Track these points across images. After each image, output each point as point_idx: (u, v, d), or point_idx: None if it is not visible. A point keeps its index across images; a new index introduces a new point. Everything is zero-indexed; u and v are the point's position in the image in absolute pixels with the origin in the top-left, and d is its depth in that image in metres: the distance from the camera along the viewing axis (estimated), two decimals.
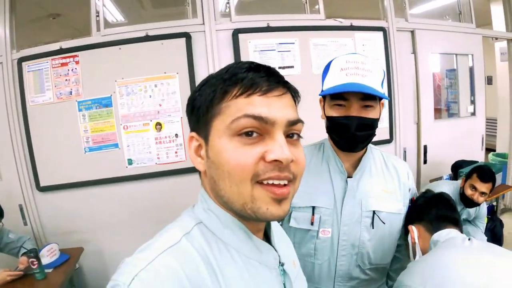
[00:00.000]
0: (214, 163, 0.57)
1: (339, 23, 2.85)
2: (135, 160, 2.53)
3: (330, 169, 1.19)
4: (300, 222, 1.19)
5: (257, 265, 0.62)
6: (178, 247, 0.54)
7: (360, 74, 1.04)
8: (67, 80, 2.37)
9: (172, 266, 0.50)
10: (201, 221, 0.61)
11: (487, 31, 3.99)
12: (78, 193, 2.47)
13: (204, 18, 2.55)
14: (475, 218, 2.78)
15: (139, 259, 0.51)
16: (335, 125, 1.10)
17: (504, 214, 4.10)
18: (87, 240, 2.50)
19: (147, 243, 0.56)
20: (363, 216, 1.16)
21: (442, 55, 3.67)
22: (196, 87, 0.63)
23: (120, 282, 0.48)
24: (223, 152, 0.55)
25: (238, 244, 0.61)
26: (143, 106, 2.49)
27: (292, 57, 2.70)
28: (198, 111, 0.59)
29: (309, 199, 1.17)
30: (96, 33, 2.44)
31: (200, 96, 0.60)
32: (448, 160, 3.27)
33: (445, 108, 4.08)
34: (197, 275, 0.52)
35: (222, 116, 0.56)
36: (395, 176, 1.24)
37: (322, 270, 1.21)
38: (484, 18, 4.38)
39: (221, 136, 0.56)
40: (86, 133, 2.43)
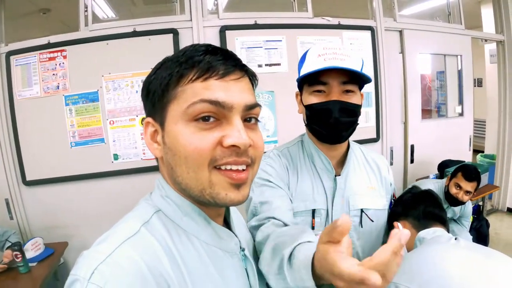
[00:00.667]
0: (171, 149, 0.56)
1: (326, 21, 2.90)
2: (121, 155, 2.56)
3: (317, 167, 1.12)
4: None
5: (218, 252, 0.62)
6: (138, 237, 0.53)
7: (338, 58, 0.98)
8: (55, 74, 2.40)
9: (132, 257, 0.49)
10: (160, 209, 0.60)
11: (476, 32, 4.05)
12: (64, 187, 2.50)
13: (192, 14, 2.60)
14: (460, 217, 2.83)
15: (98, 252, 0.50)
16: (316, 112, 1.02)
17: (491, 214, 4.16)
18: (72, 234, 2.52)
19: (105, 235, 0.55)
20: (351, 215, 1.10)
21: (433, 56, 3.72)
22: (152, 70, 0.61)
23: (80, 277, 0.47)
24: (180, 138, 0.55)
25: (198, 231, 0.60)
26: (129, 101, 2.52)
27: (279, 54, 2.74)
28: (154, 95, 0.58)
29: (307, 202, 1.09)
30: (84, 28, 2.47)
31: (156, 79, 0.58)
32: (435, 159, 3.33)
33: (435, 109, 4.13)
34: (158, 265, 0.51)
35: (178, 100, 0.55)
36: (377, 171, 1.20)
37: None
38: (475, 20, 4.45)
39: (177, 121, 0.55)
40: (73, 128, 2.46)
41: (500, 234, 3.76)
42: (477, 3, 4.71)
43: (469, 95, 3.78)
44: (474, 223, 3.09)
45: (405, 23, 3.28)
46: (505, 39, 4.08)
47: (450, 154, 3.40)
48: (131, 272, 0.48)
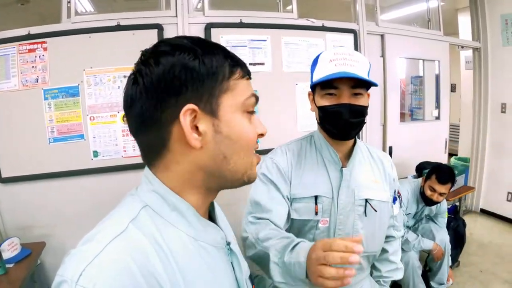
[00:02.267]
0: (231, 137, 0.60)
1: (311, 23, 3.00)
2: (101, 152, 2.55)
3: (325, 159, 1.25)
4: (302, 213, 1.23)
5: (206, 246, 0.64)
6: (126, 235, 0.53)
7: (348, 64, 1.12)
8: (34, 67, 2.37)
9: (121, 257, 0.50)
10: (147, 204, 0.60)
11: (454, 39, 4.27)
12: (41, 185, 2.46)
13: (177, 10, 2.63)
14: (436, 214, 3.00)
15: (85, 252, 0.50)
16: (328, 114, 1.16)
17: (465, 215, 4.36)
18: (49, 234, 2.48)
19: (92, 233, 0.55)
20: (356, 204, 1.23)
21: (408, 61, 3.89)
22: (183, 50, 0.57)
23: (67, 278, 0.47)
24: (242, 127, 0.61)
25: (186, 226, 0.61)
26: (111, 97, 2.52)
27: (264, 54, 2.81)
28: (202, 82, 0.57)
29: (310, 189, 1.23)
30: (66, 19, 2.45)
31: (203, 65, 0.57)
32: (412, 161, 3.48)
33: (409, 113, 4.31)
34: (148, 264, 0.52)
35: (232, 92, 0.60)
36: (381, 167, 1.34)
37: None
38: (452, 27, 4.66)
39: (234, 111, 0.60)
40: (51, 123, 2.42)
41: (474, 234, 3.97)
42: (455, 11, 4.94)
43: (445, 100, 3.98)
44: (451, 223, 3.27)
45: (387, 28, 3.43)
46: (481, 47, 4.31)
47: (427, 156, 3.57)
48: (120, 272, 0.48)
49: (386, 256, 1.44)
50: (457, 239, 3.26)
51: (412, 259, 2.72)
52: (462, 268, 3.35)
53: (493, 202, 4.44)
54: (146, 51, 0.60)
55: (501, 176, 4.32)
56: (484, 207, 4.54)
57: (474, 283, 3.11)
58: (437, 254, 2.81)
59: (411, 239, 2.73)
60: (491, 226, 4.23)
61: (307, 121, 3.01)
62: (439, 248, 2.81)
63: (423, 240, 2.78)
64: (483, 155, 4.46)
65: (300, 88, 2.98)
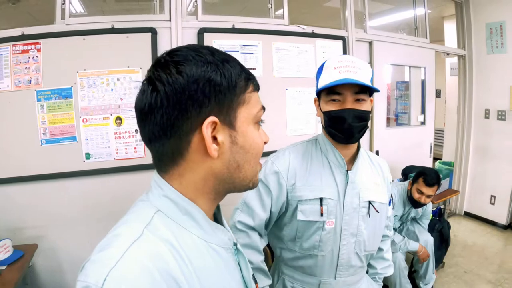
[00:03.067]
0: (244, 148, 0.64)
1: (301, 29, 3.08)
2: (93, 155, 2.57)
3: (330, 162, 1.31)
4: (308, 215, 1.28)
5: (216, 248, 0.66)
6: (143, 240, 0.55)
7: (352, 71, 1.18)
8: (27, 68, 2.38)
9: (142, 261, 0.51)
10: (159, 209, 0.61)
11: (440, 46, 4.41)
12: (33, 186, 2.46)
13: (171, 14, 2.68)
14: (422, 216, 3.12)
15: (107, 258, 0.52)
16: (333, 118, 1.23)
17: (449, 218, 4.52)
18: (41, 236, 2.49)
19: (108, 240, 0.56)
20: (360, 206, 1.30)
21: (393, 67, 4.00)
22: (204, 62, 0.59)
23: (91, 284, 0.49)
24: (255, 138, 0.66)
25: (198, 229, 0.63)
26: (104, 99, 2.55)
27: (255, 59, 2.89)
28: (224, 95, 0.60)
29: (316, 191, 1.28)
30: (60, 21, 2.47)
31: (224, 77, 0.60)
32: (398, 165, 3.58)
33: (394, 118, 4.42)
34: (166, 267, 0.53)
35: (248, 105, 0.64)
36: (380, 171, 1.43)
37: (325, 261, 1.31)
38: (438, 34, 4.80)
39: (248, 123, 0.65)
40: (44, 125, 2.44)
41: (458, 236, 4.12)
42: (441, 19, 5.09)
43: (431, 106, 4.12)
44: (436, 225, 3.39)
45: (375, 35, 3.55)
46: (466, 54, 4.46)
47: (413, 160, 3.68)
48: (142, 276, 0.50)
49: (381, 254, 1.53)
50: (442, 241, 3.39)
51: (399, 260, 2.81)
52: (447, 269, 3.46)
53: (477, 205, 4.60)
54: (163, 58, 0.61)
55: (484, 180, 4.49)
56: (468, 210, 4.71)
57: (458, 283, 3.23)
58: (422, 255, 2.91)
59: (397, 241, 2.82)
60: (474, 228, 4.39)
61: (296, 125, 3.09)
62: (425, 250, 2.91)
63: (409, 242, 2.88)
64: (467, 160, 4.62)
65: (290, 93, 3.07)
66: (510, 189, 4.20)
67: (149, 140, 0.63)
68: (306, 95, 3.12)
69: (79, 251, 2.51)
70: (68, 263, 2.58)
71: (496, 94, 4.24)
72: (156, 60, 0.61)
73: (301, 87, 3.09)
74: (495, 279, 3.26)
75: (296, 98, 3.07)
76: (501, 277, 3.29)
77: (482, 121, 4.43)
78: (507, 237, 4.11)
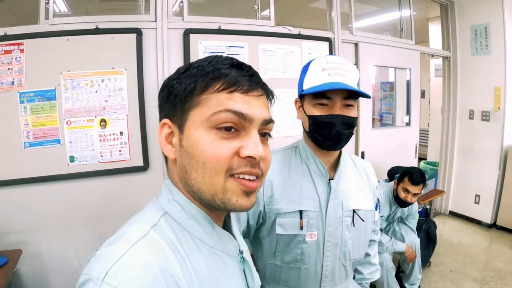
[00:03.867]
0: (189, 152, 0.61)
1: (288, 30, 3.11)
2: (78, 158, 2.54)
3: (311, 172, 1.24)
4: (287, 228, 1.21)
5: (220, 254, 0.67)
6: (148, 239, 0.56)
7: (341, 74, 1.12)
8: (10, 69, 2.34)
9: (144, 258, 0.53)
10: (167, 212, 0.64)
11: (425, 48, 4.50)
12: (17, 190, 2.42)
13: (157, 15, 2.66)
14: (408, 215, 3.17)
15: (111, 252, 0.53)
16: (320, 124, 1.14)
17: (435, 217, 4.62)
18: (25, 241, 2.45)
19: (115, 236, 0.58)
20: (344, 215, 1.23)
21: (378, 68, 4.05)
22: (174, 74, 0.67)
23: (93, 277, 0.50)
24: (200, 144, 0.59)
25: (203, 234, 0.65)
26: (88, 101, 2.52)
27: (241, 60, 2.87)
28: (175, 98, 0.63)
29: (295, 204, 1.21)
30: (44, 21, 2.43)
31: (179, 84, 0.63)
32: (384, 166, 3.63)
33: (378, 118, 4.48)
34: (168, 266, 0.55)
35: (201, 107, 0.60)
36: (365, 176, 1.37)
37: (309, 273, 1.25)
38: (422, 36, 4.89)
39: (198, 127, 0.60)
40: (27, 127, 2.41)
41: (443, 235, 4.21)
42: (426, 20, 5.18)
43: (416, 107, 4.19)
44: (423, 225, 3.45)
45: (361, 36, 3.60)
46: (451, 55, 4.55)
47: (398, 161, 3.74)
48: (144, 273, 0.51)
49: (368, 260, 1.49)
50: (428, 240, 3.45)
51: (386, 261, 2.86)
52: (433, 268, 3.54)
53: (462, 204, 4.72)
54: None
55: (469, 180, 4.60)
56: (453, 209, 4.82)
57: (445, 282, 3.30)
58: (409, 256, 2.96)
59: (384, 241, 2.87)
60: (459, 227, 4.50)
61: (283, 127, 3.12)
62: (412, 251, 2.97)
63: (396, 243, 2.93)
64: (452, 160, 4.72)
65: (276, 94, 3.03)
66: (494, 189, 4.32)
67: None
68: (293, 97, 3.08)
69: (64, 256, 2.51)
70: (53, 268, 2.54)
71: (480, 95, 4.36)
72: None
73: (287, 88, 3.11)
74: (480, 277, 3.34)
75: (283, 99, 3.08)
76: (486, 275, 3.37)
77: (466, 121, 4.54)
78: (492, 236, 4.22)
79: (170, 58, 2.70)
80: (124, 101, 2.59)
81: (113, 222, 0.62)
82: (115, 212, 2.58)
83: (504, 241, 4.06)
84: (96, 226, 2.54)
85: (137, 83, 2.59)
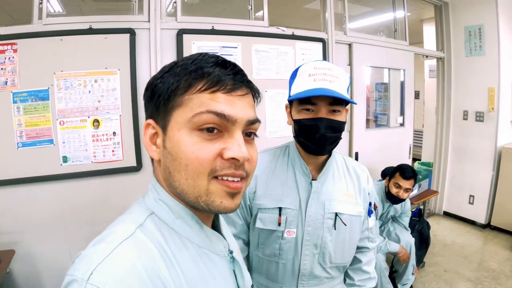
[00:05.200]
0: (171, 154, 0.60)
1: (281, 31, 3.15)
2: (70, 158, 2.56)
3: (296, 172, 1.28)
4: (266, 223, 1.26)
5: (209, 254, 0.66)
6: (134, 239, 0.56)
7: (328, 80, 1.12)
8: (3, 69, 2.36)
9: (130, 258, 0.52)
10: (153, 212, 0.63)
11: (419, 49, 4.54)
12: (9, 190, 2.43)
13: (150, 15, 2.69)
14: (401, 214, 3.20)
15: (96, 253, 0.52)
16: (304, 127, 1.17)
17: (429, 218, 4.67)
18: (18, 241, 2.46)
19: (101, 236, 0.57)
20: (325, 217, 1.25)
21: (373, 69, 4.10)
22: (158, 73, 0.65)
23: (78, 278, 0.49)
24: (182, 145, 0.58)
25: (190, 234, 0.64)
26: (81, 101, 2.54)
27: (234, 60, 2.86)
28: (158, 99, 0.62)
29: (275, 201, 1.26)
30: (37, 21, 2.45)
31: (162, 84, 0.61)
32: (378, 166, 3.67)
33: (373, 119, 4.53)
34: (154, 267, 0.54)
35: (183, 108, 0.59)
36: (356, 180, 1.36)
37: (286, 269, 1.30)
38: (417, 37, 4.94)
39: (180, 128, 0.59)
40: (20, 127, 2.42)
41: (437, 235, 4.26)
42: (420, 21, 5.24)
43: (410, 107, 4.25)
44: (416, 226, 3.50)
45: (354, 37, 3.64)
46: (445, 56, 4.61)
47: (392, 161, 3.76)
48: (129, 273, 0.50)
49: (359, 266, 1.47)
50: (422, 241, 3.49)
51: (380, 261, 2.89)
52: (427, 268, 3.58)
53: (456, 204, 4.77)
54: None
55: (463, 180, 4.66)
56: (447, 210, 4.87)
57: (439, 282, 3.34)
58: (403, 256, 3.00)
59: (378, 242, 2.89)
60: (453, 227, 4.55)
61: (276, 127, 3.15)
62: (405, 251, 3.01)
63: (389, 243, 2.97)
64: (446, 160, 4.78)
65: (269, 95, 3.13)
66: (488, 189, 4.37)
67: None
68: (286, 97, 3.13)
69: (57, 256, 2.51)
70: (46, 269, 2.56)
71: (474, 96, 4.41)
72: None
73: (280, 89, 3.14)
74: (474, 277, 3.38)
75: (276, 100, 3.12)
76: (480, 275, 3.41)
77: (460, 122, 4.60)
78: (486, 236, 4.27)
79: (163, 58, 2.72)
80: (117, 101, 2.61)
81: (106, 222, 0.62)
82: (108, 212, 2.58)
83: (498, 241, 4.11)
84: (89, 226, 2.55)
85: (130, 83, 2.61)
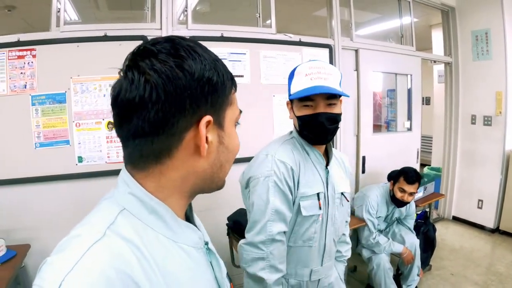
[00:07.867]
0: (229, 148, 0.66)
1: (288, 38, 3.25)
2: (85, 158, 2.68)
3: (312, 160, 1.44)
4: (309, 210, 1.40)
5: (185, 248, 0.64)
6: (104, 241, 0.52)
7: (322, 78, 1.31)
8: (23, 73, 2.50)
9: (101, 266, 0.49)
10: (125, 208, 0.59)
11: (426, 54, 4.60)
12: (26, 189, 2.55)
13: (162, 23, 2.82)
14: (406, 216, 3.27)
15: (63, 260, 0.50)
16: (307, 122, 1.36)
17: (437, 222, 4.70)
18: (34, 237, 2.56)
19: (67, 240, 0.54)
20: (335, 197, 1.47)
21: (385, 75, 4.17)
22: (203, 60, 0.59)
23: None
24: (236, 139, 0.68)
25: (165, 229, 0.61)
26: (96, 104, 2.67)
27: (243, 66, 3.05)
28: (217, 94, 0.61)
29: (313, 187, 1.41)
30: (55, 28, 2.59)
31: (219, 76, 0.60)
32: (385, 170, 3.69)
33: (385, 125, 4.59)
34: (127, 269, 0.51)
35: (232, 106, 0.66)
36: (343, 165, 1.62)
37: (315, 250, 1.46)
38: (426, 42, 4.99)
39: (232, 124, 0.67)
40: (38, 128, 2.55)
41: (445, 240, 4.28)
42: (429, 27, 5.29)
43: (417, 112, 4.29)
44: (422, 228, 3.53)
45: (361, 43, 3.72)
46: (453, 61, 4.65)
47: (399, 165, 3.78)
48: (100, 281, 0.48)
49: (344, 239, 1.71)
50: (427, 243, 3.52)
51: (383, 261, 2.95)
52: (434, 271, 3.60)
53: (465, 209, 4.78)
54: (150, 46, 0.58)
55: (472, 185, 4.66)
56: (456, 215, 4.88)
57: (445, 286, 3.36)
58: (407, 257, 3.05)
59: (382, 242, 2.96)
60: (462, 232, 4.56)
61: (283, 130, 3.22)
62: (409, 252, 3.05)
63: (393, 244, 3.02)
64: (455, 165, 4.79)
65: (277, 99, 3.23)
66: (497, 193, 4.37)
67: (132, 136, 0.58)
68: None
69: None
70: None
71: (482, 100, 4.44)
72: (141, 48, 0.59)
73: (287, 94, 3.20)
74: (482, 281, 3.39)
75: (283, 104, 3.19)
76: (488, 279, 3.42)
77: (468, 126, 4.62)
78: (495, 240, 4.27)
79: None
80: None
81: None
82: None
83: (507, 245, 4.11)
84: None
85: None
